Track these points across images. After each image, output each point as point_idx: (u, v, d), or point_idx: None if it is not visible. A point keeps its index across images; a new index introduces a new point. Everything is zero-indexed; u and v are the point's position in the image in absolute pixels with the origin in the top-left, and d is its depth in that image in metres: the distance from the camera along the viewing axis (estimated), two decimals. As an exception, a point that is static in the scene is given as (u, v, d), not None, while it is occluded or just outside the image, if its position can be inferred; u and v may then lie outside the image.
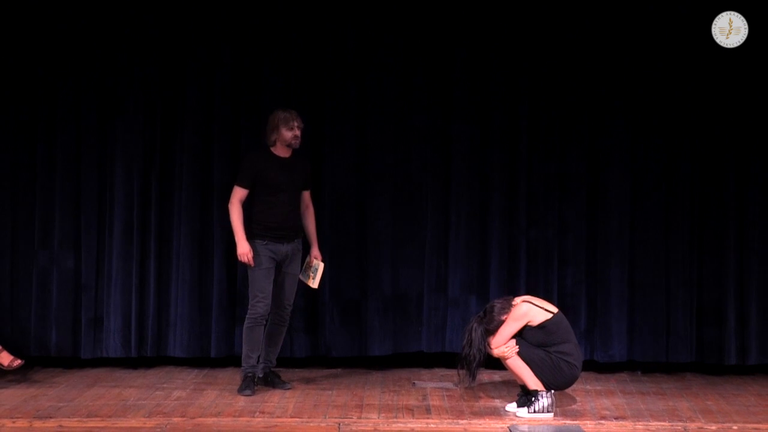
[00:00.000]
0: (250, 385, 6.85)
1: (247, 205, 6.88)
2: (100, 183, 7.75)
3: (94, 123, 7.74)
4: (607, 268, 7.74)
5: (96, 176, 7.75)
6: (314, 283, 7.05)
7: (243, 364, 6.93)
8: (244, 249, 6.79)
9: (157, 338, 7.71)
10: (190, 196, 7.76)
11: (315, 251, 7.08)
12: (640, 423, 6.17)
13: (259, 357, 6.97)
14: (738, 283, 7.70)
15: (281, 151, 6.88)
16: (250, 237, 6.83)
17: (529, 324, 6.42)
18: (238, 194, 6.84)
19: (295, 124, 6.82)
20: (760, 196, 7.73)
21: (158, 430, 5.84)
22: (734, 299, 7.68)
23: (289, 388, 6.98)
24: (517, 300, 6.54)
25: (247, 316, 6.90)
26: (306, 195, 7.06)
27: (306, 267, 7.05)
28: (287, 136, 6.82)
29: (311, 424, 6.05)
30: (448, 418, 6.22)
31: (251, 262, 6.80)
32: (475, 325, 6.43)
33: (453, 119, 7.81)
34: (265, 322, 6.90)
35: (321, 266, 7.02)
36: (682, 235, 7.75)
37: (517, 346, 6.37)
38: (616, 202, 7.76)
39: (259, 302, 6.82)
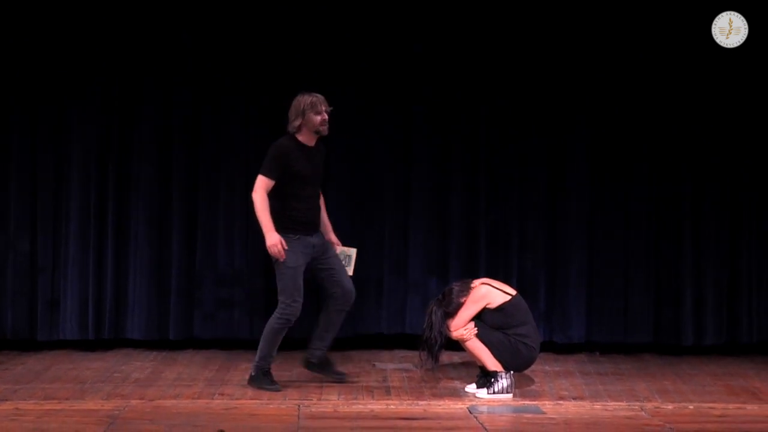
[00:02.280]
0: (272, 380, 6.41)
1: (273, 198, 6.36)
2: (56, 165, 7.69)
3: (50, 106, 7.67)
4: (566, 251, 7.79)
5: (52, 158, 7.68)
6: (350, 270, 6.62)
7: (259, 362, 6.42)
8: (273, 240, 6.23)
9: (115, 320, 7.67)
10: (148, 177, 7.72)
11: (335, 238, 6.65)
12: (598, 403, 6.21)
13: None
14: (695, 265, 7.79)
15: (307, 139, 6.37)
16: (280, 232, 6.28)
17: (487, 306, 6.43)
18: (264, 184, 6.27)
19: (323, 108, 6.33)
20: (716, 183, 7.82)
21: (116, 412, 5.78)
22: (691, 281, 7.78)
23: (344, 381, 6.58)
24: (476, 282, 6.55)
25: (277, 315, 6.35)
26: None
27: None
28: (316, 121, 6.31)
29: (271, 406, 6.02)
30: (408, 400, 6.23)
31: (282, 255, 6.25)
32: (434, 307, 6.44)
33: (414, 102, 7.80)
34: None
35: (354, 251, 6.65)
36: (641, 217, 7.83)
37: (476, 329, 6.39)
38: (575, 186, 7.80)
39: (295, 303, 6.33)
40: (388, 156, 7.82)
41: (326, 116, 6.37)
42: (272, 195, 6.34)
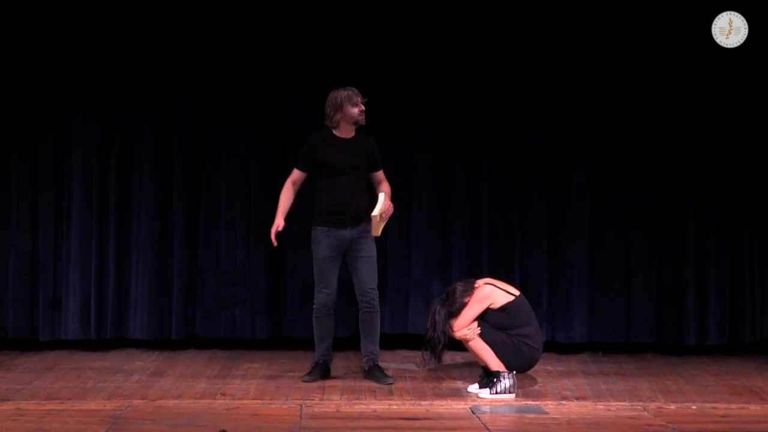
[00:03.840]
0: (313, 371, 6.65)
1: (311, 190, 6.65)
2: (57, 163, 7.66)
3: (51, 103, 7.64)
4: (568, 250, 7.76)
5: (53, 156, 7.66)
6: (378, 231, 6.52)
7: (315, 351, 6.75)
8: (274, 224, 6.56)
9: (117, 320, 7.64)
10: (149, 176, 7.70)
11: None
12: (601, 403, 6.19)
13: (327, 347, 6.74)
14: (697, 264, 7.76)
15: (344, 132, 6.57)
16: (312, 224, 6.58)
17: (491, 306, 6.42)
18: (293, 176, 6.62)
19: (359, 99, 6.53)
20: (719, 179, 7.78)
21: (118, 412, 5.76)
22: (693, 280, 7.75)
23: (390, 383, 6.57)
24: (480, 282, 6.53)
25: (313, 304, 6.68)
26: (377, 175, 6.71)
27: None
28: (353, 113, 6.51)
29: (273, 406, 6.00)
30: (411, 400, 6.21)
31: (273, 240, 6.57)
32: (438, 307, 6.42)
33: (414, 102, 7.77)
34: (331, 313, 6.63)
35: (380, 199, 6.50)
36: (643, 217, 7.80)
37: (479, 328, 6.37)
38: (577, 185, 7.77)
39: (321, 293, 6.58)
40: (389, 156, 7.73)
41: (363, 107, 6.56)
42: (313, 188, 6.63)
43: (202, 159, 7.75)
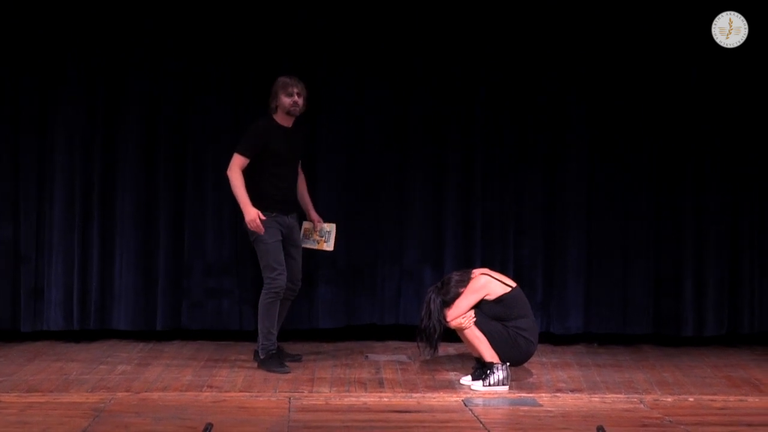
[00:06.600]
0: (282, 362, 6.58)
1: (248, 176, 6.55)
2: (39, 150, 7.55)
3: (33, 89, 7.53)
4: (564, 240, 7.70)
5: (35, 143, 7.56)
6: (330, 246, 6.85)
7: (264, 342, 6.58)
8: (251, 215, 6.43)
9: (101, 310, 7.54)
10: (134, 165, 7.60)
11: (316, 215, 6.89)
12: (596, 395, 6.12)
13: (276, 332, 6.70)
14: (695, 254, 7.71)
15: (283, 120, 6.59)
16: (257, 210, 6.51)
17: (486, 297, 6.34)
18: (239, 162, 6.50)
19: (295, 90, 6.54)
20: (718, 169, 7.73)
21: (102, 405, 5.67)
22: (692, 271, 7.70)
23: (299, 360, 6.79)
24: (476, 272, 6.45)
25: (264, 291, 6.56)
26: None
27: (309, 233, 6.86)
28: (286, 103, 6.54)
29: (261, 399, 5.91)
30: (402, 392, 6.12)
31: (261, 229, 6.45)
32: (433, 296, 6.34)
33: (410, 88, 7.68)
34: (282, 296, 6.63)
35: (333, 226, 6.82)
36: (640, 207, 7.74)
37: (475, 317, 6.27)
38: (573, 173, 7.71)
39: (280, 275, 6.52)
40: (382, 142, 7.70)
41: (297, 98, 6.57)
42: (249, 174, 6.55)
43: (187, 148, 7.65)
